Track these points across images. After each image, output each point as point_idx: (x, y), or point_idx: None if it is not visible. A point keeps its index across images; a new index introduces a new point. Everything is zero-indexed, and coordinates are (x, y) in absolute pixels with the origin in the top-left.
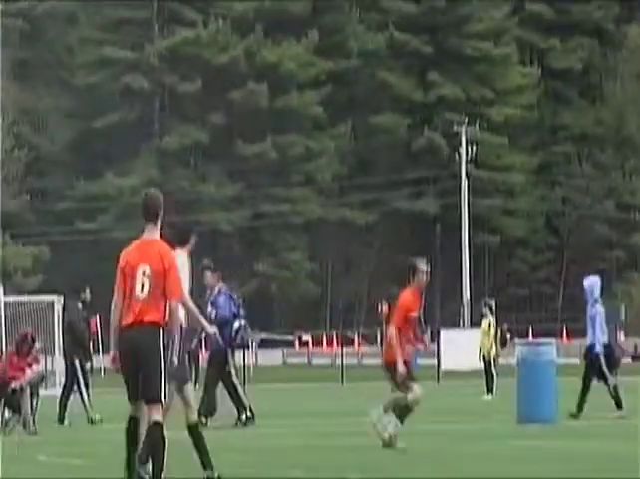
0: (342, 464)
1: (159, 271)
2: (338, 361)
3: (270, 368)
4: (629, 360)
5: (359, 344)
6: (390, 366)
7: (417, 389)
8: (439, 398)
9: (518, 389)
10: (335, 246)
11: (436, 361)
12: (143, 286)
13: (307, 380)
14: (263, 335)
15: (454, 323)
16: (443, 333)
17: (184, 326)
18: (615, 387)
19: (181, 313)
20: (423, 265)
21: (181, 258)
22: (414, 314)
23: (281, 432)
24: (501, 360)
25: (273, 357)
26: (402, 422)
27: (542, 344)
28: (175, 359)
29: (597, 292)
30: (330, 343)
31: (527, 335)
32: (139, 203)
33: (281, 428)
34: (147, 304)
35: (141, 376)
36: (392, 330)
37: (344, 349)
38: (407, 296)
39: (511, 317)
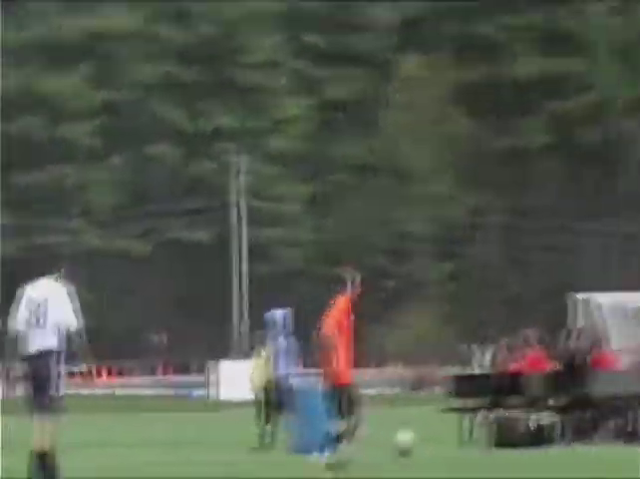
0: None
1: None
2: (115, 391)
3: None
4: (407, 390)
5: (133, 375)
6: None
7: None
8: (214, 429)
9: (292, 419)
10: (113, 277)
11: (209, 392)
12: None
13: (82, 411)
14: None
15: (230, 354)
16: (220, 364)
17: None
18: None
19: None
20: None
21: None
22: (348, 321)
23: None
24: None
25: None
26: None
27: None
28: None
29: (283, 324)
30: (107, 373)
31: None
32: None
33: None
34: None
35: None
36: (329, 332)
37: (120, 379)
38: (343, 302)
39: None
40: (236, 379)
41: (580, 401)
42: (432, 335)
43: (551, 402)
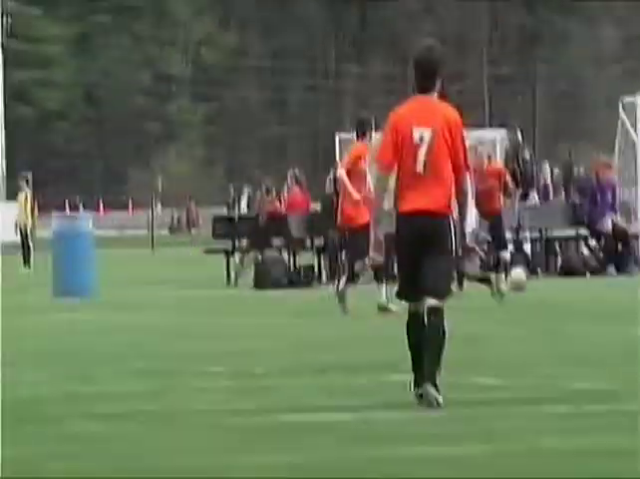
0: None
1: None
2: None
3: None
4: (167, 231)
5: None
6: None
7: None
8: None
9: (54, 262)
10: None
11: None
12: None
13: None
14: None
15: None
16: None
17: None
18: None
19: None
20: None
21: None
22: (363, 164)
23: None
24: (38, 232)
25: None
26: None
27: (78, 217)
28: None
29: None
30: None
31: (64, 208)
32: None
33: None
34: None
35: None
36: (341, 172)
37: None
38: (360, 146)
39: (48, 190)
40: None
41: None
42: (193, 178)
43: (309, 244)
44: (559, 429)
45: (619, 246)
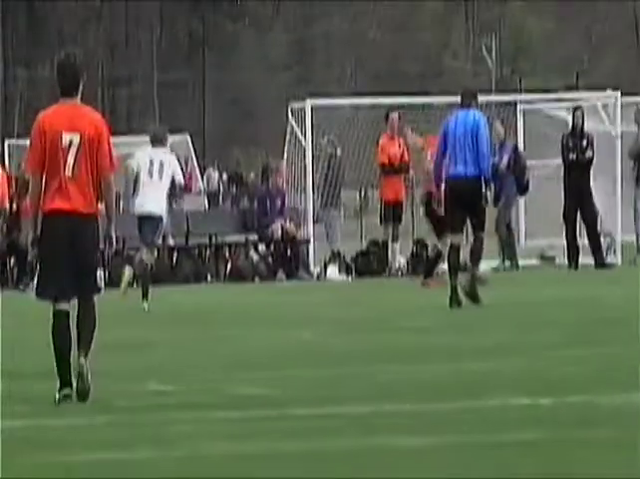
0: None
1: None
2: None
3: None
4: None
5: None
6: None
7: None
8: None
9: None
10: None
11: None
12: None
13: None
14: None
15: None
16: None
17: None
18: None
19: None
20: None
21: None
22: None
23: None
24: None
25: None
26: None
27: None
28: None
29: None
30: None
31: None
32: None
33: None
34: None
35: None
36: None
37: None
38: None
39: None
40: None
41: None
42: None
43: None
44: (227, 434)
45: (288, 252)
